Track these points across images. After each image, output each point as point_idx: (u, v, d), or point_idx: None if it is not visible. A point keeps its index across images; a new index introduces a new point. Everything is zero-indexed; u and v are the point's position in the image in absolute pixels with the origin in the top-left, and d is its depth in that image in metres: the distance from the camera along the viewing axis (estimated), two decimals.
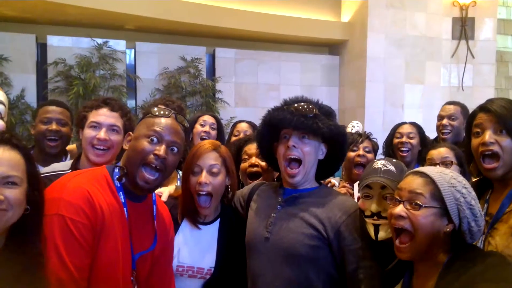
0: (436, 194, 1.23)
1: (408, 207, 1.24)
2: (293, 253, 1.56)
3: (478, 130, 1.49)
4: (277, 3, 5.72)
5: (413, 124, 2.93)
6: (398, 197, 1.29)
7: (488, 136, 1.43)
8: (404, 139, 2.80)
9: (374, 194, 1.52)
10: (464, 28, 5.76)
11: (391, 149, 2.89)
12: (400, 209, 1.25)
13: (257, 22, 5.43)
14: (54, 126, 2.35)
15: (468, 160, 1.61)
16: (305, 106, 1.61)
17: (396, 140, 2.85)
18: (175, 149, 1.42)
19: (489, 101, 1.51)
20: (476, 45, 5.85)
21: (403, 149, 2.79)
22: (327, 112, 1.67)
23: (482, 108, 1.50)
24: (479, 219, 1.25)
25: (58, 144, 2.37)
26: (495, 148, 1.42)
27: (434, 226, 1.22)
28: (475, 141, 1.49)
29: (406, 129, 2.86)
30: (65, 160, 2.45)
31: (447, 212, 1.22)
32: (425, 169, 1.31)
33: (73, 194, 1.24)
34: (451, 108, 3.00)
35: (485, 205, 1.52)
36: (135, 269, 1.40)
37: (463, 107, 3.03)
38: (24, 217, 1.13)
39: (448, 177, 1.26)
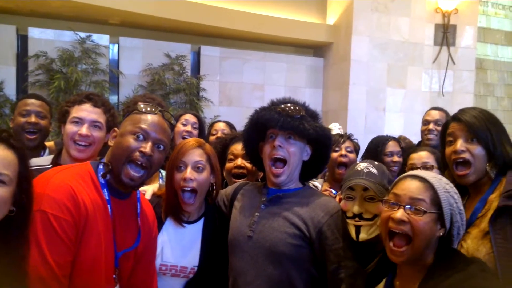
0: (435, 199, 1.25)
1: (409, 212, 1.24)
2: (275, 252, 1.58)
3: (451, 138, 1.56)
4: (263, 3, 5.73)
5: (396, 140, 2.95)
6: (396, 201, 1.28)
7: (459, 144, 1.50)
8: (396, 158, 2.80)
9: (356, 195, 1.55)
10: (446, 34, 5.87)
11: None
12: (401, 214, 1.24)
13: (243, 21, 5.42)
14: (33, 119, 2.34)
15: (443, 167, 1.66)
16: (292, 107, 1.62)
17: (387, 159, 2.83)
18: (161, 146, 1.41)
19: (461, 111, 1.58)
20: (457, 52, 5.97)
21: (395, 167, 2.77)
22: (313, 114, 1.69)
23: (454, 118, 1.57)
24: (464, 223, 1.30)
25: (36, 137, 2.36)
26: (466, 155, 1.49)
27: (432, 231, 1.24)
28: (448, 150, 1.56)
29: (393, 147, 2.81)
30: (43, 154, 2.43)
31: (442, 216, 1.24)
32: (422, 173, 1.33)
33: (56, 190, 1.22)
34: (437, 114, 3.11)
35: None
36: (117, 266, 1.39)
37: (447, 114, 3.13)
38: (9, 218, 1.10)
39: (443, 183, 1.29)
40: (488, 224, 1.39)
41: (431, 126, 3.07)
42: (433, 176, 1.30)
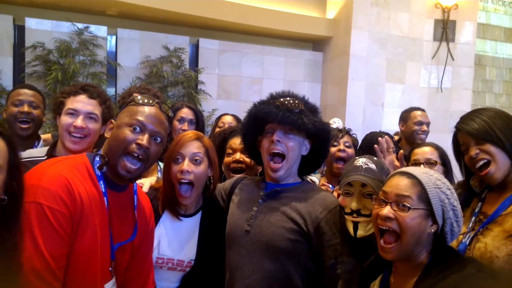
0: (423, 195, 1.24)
1: (396, 208, 1.25)
2: (272, 247, 1.57)
3: (465, 147, 1.57)
4: None
5: (388, 136, 3.03)
6: (384, 198, 1.29)
7: (472, 151, 1.51)
8: None
9: (354, 191, 1.53)
10: (445, 30, 5.86)
11: None
12: (387, 211, 1.25)
13: (242, 14, 5.38)
14: (25, 108, 2.35)
15: (467, 175, 1.65)
16: (291, 101, 1.61)
17: None
18: (158, 138, 1.40)
19: (461, 119, 1.59)
20: (456, 48, 5.96)
21: None
22: (313, 108, 1.68)
23: (458, 129, 1.59)
24: (460, 220, 1.28)
25: (29, 126, 2.37)
26: (482, 156, 1.49)
27: (420, 227, 1.23)
28: (466, 158, 1.56)
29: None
30: (37, 144, 2.43)
31: (432, 213, 1.24)
32: (411, 169, 1.32)
33: (52, 181, 1.20)
34: (426, 116, 3.50)
35: (479, 204, 1.57)
36: (114, 259, 1.38)
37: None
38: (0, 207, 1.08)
39: (434, 179, 1.28)
40: None
41: (424, 127, 3.41)
42: (423, 172, 1.29)
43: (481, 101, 6.63)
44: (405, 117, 3.55)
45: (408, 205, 1.23)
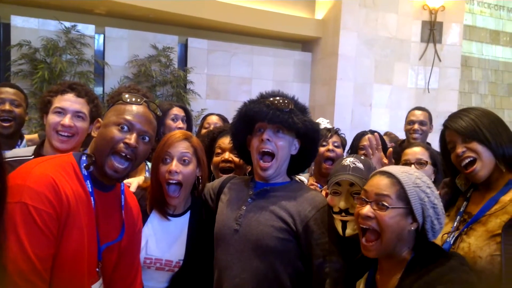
0: (402, 194, 1.26)
1: (375, 208, 1.28)
2: (261, 245, 1.57)
3: (451, 145, 1.58)
4: None
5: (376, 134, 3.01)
6: (365, 198, 1.31)
7: (459, 148, 1.52)
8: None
9: (342, 191, 1.55)
10: (432, 31, 5.93)
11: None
12: (367, 210, 1.28)
13: (232, 13, 5.37)
14: (7, 107, 2.34)
15: (452, 174, 1.66)
16: (281, 101, 1.61)
17: (361, 152, 2.89)
18: (147, 138, 1.39)
19: (449, 117, 1.60)
20: (443, 49, 6.03)
21: None
22: (302, 108, 1.68)
23: (446, 126, 1.60)
24: (441, 217, 1.30)
25: (11, 125, 2.36)
26: (468, 154, 1.50)
27: (399, 226, 1.26)
28: (453, 155, 1.57)
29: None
30: (21, 144, 2.41)
31: (412, 211, 1.26)
32: (391, 169, 1.35)
33: (37, 181, 1.18)
34: (421, 115, 3.38)
35: (465, 203, 1.58)
36: (101, 260, 1.37)
37: (429, 113, 3.43)
38: None
39: (413, 177, 1.30)
40: (502, 229, 1.38)
41: (416, 126, 3.33)
42: (403, 172, 1.32)
43: (467, 102, 6.72)
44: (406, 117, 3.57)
45: (387, 204, 1.25)
